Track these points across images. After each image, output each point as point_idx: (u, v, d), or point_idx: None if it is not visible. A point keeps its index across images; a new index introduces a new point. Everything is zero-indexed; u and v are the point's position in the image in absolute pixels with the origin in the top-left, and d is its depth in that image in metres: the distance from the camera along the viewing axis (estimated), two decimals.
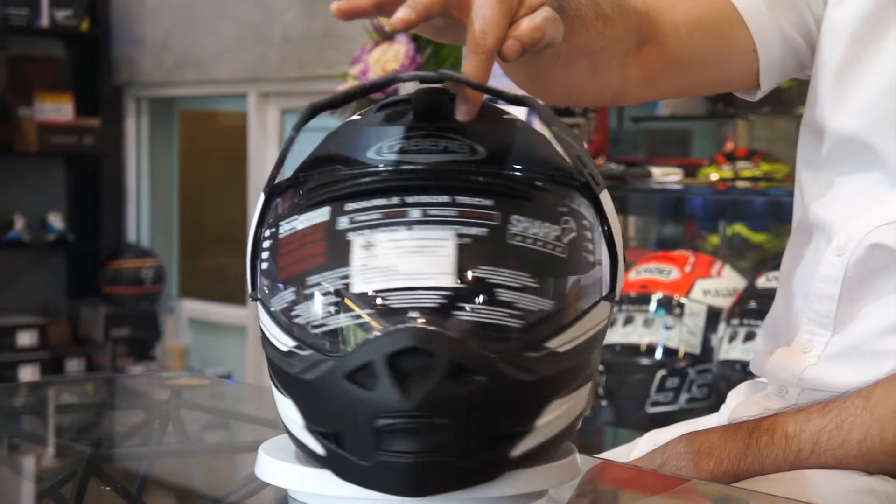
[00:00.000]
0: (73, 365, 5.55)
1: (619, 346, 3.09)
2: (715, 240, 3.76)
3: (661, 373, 3.03)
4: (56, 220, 5.62)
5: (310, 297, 0.88)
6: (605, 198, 0.94)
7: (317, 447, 0.90)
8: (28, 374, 5.32)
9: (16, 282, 5.65)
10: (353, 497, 0.92)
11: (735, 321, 2.94)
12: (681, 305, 3.06)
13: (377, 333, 0.85)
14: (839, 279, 1.25)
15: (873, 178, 1.26)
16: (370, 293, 0.86)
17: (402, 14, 0.93)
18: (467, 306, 0.86)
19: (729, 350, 2.91)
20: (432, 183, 0.89)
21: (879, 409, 1.13)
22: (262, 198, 0.96)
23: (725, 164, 3.36)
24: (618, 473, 1.23)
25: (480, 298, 0.86)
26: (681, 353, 3.06)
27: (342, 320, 0.87)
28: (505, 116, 0.97)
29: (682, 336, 3.05)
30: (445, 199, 0.88)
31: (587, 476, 1.10)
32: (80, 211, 5.76)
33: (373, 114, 0.95)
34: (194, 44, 5.45)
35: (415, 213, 0.88)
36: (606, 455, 1.41)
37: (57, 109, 5.51)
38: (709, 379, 3.04)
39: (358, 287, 0.86)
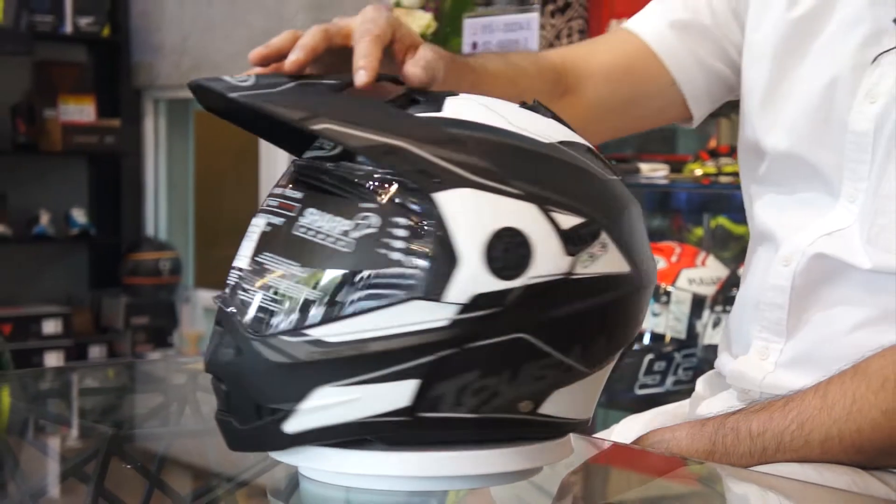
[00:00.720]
0: (96, 351, 5.56)
1: None
2: (699, 232, 3.76)
3: (649, 357, 3.03)
4: (79, 215, 5.62)
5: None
6: (450, 198, 0.86)
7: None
8: (53, 360, 5.32)
9: (41, 273, 5.65)
10: (362, 474, 0.92)
11: (718, 308, 2.94)
12: (667, 293, 3.06)
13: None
14: (787, 289, 1.25)
15: (814, 191, 1.26)
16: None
17: (292, 57, 1.00)
18: (245, 287, 0.91)
19: (713, 335, 2.92)
20: (300, 174, 0.93)
21: (836, 410, 1.12)
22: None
23: (709, 160, 3.35)
24: (610, 453, 1.23)
25: (254, 281, 0.91)
26: (667, 339, 3.06)
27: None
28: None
29: (669, 322, 3.05)
30: (290, 190, 0.93)
31: (579, 455, 1.10)
32: (102, 206, 5.75)
33: None
34: (209, 49, 5.45)
35: (269, 202, 0.93)
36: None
37: (80, 111, 5.50)
38: (694, 363, 3.04)
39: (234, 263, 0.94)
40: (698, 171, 3.35)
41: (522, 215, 0.87)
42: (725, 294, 2.90)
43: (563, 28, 3.81)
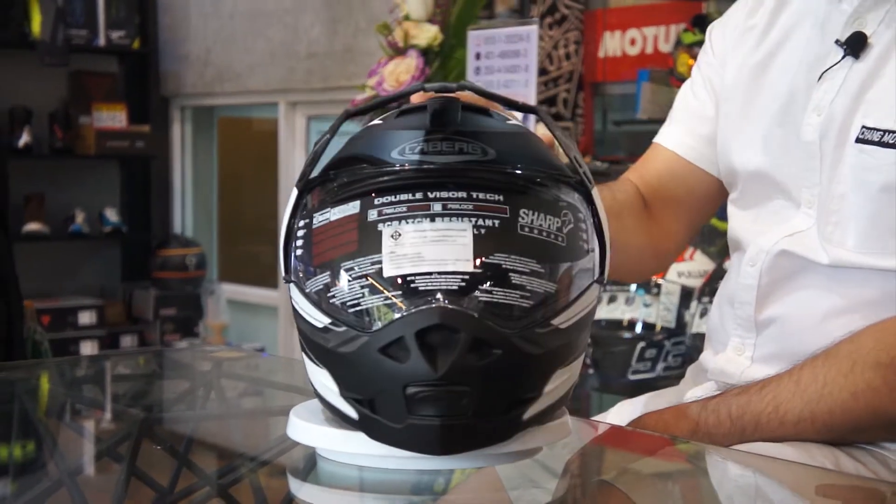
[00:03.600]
0: (127, 341, 5.56)
1: (604, 322, 3.08)
2: None
3: (641, 345, 3.03)
4: (112, 214, 5.62)
5: (344, 280, 0.88)
6: (596, 194, 0.95)
7: (351, 412, 0.90)
8: (88, 348, 5.33)
9: (77, 268, 5.66)
10: (374, 454, 0.92)
11: (705, 299, 2.94)
12: (658, 286, 3.05)
13: (407, 312, 0.85)
14: (754, 286, 1.28)
15: (780, 204, 1.29)
16: (399, 277, 0.86)
17: None
18: (483, 288, 0.87)
19: (700, 325, 2.91)
20: (451, 180, 0.89)
21: (808, 393, 1.14)
22: (294, 193, 0.96)
23: None
24: (608, 435, 1.23)
25: (495, 282, 0.87)
26: (658, 328, 3.05)
27: (375, 301, 0.87)
28: (509, 122, 0.97)
29: (659, 312, 3.04)
30: (462, 194, 0.89)
31: (580, 436, 1.10)
32: (133, 206, 5.76)
33: (393, 119, 0.95)
34: (231, 60, 5.45)
35: (436, 207, 0.88)
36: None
37: (112, 117, 5.51)
38: (682, 350, 3.04)
39: (389, 271, 0.87)
40: None
41: None
42: (712, 286, 2.90)
43: (559, 39, 3.81)
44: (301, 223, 0.94)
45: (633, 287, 3.08)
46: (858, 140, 1.18)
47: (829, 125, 1.21)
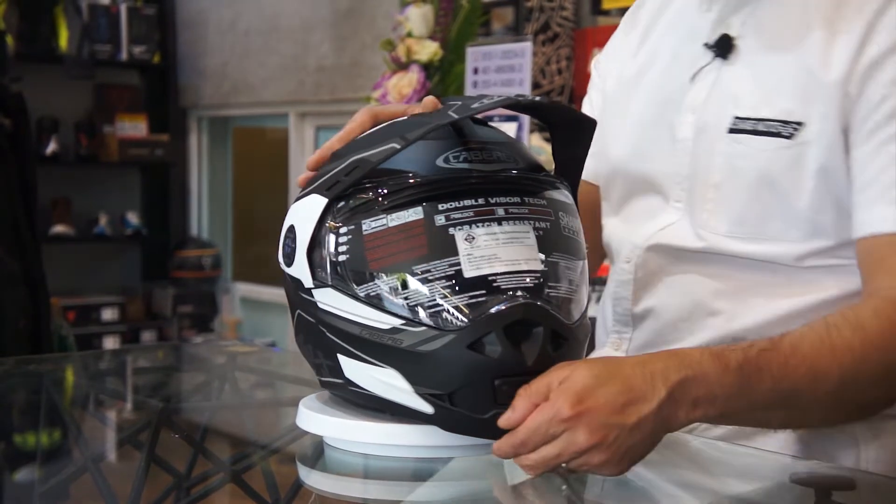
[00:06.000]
0: (147, 336, 5.55)
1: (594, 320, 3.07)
2: None
3: None
4: (133, 217, 5.62)
5: (418, 282, 0.87)
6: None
7: (425, 408, 0.88)
8: (110, 343, 5.32)
9: (100, 268, 5.65)
10: (377, 443, 0.92)
11: None
12: None
13: (495, 309, 0.86)
14: (630, 281, 1.26)
15: (650, 202, 1.27)
16: (480, 277, 0.87)
17: (313, 160, 0.98)
18: (551, 285, 0.89)
19: None
20: (508, 186, 0.90)
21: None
22: (321, 201, 0.92)
23: None
24: None
25: (557, 279, 0.89)
26: None
27: (458, 300, 0.87)
28: (497, 130, 0.98)
29: None
30: (517, 199, 0.90)
31: None
32: (153, 210, 5.75)
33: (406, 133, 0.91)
34: (246, 73, 5.44)
35: (500, 212, 0.89)
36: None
37: (134, 127, 5.50)
38: None
39: (469, 272, 0.87)
40: None
41: None
42: None
43: (552, 55, 3.81)
44: (344, 230, 0.90)
45: None
46: (731, 130, 1.17)
47: (704, 121, 1.21)
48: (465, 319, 0.86)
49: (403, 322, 0.88)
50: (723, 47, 1.22)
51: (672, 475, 1.08)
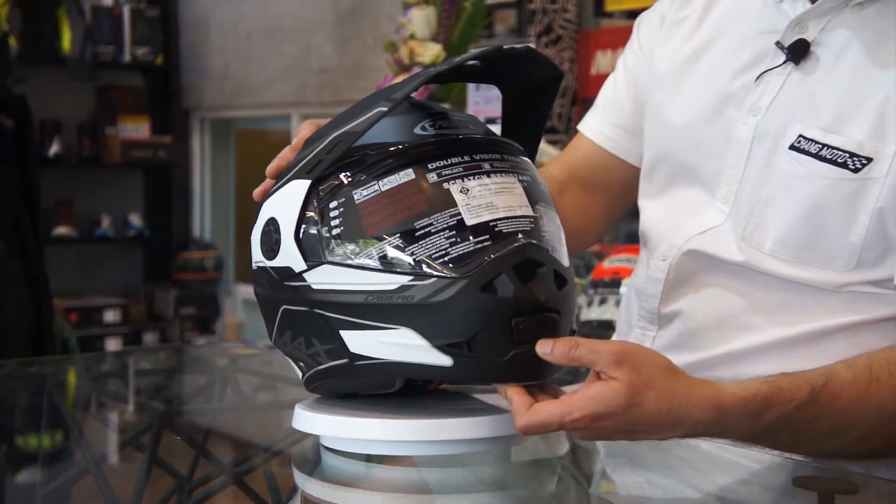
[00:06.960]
0: (149, 337, 5.55)
1: (595, 323, 3.08)
2: None
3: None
4: (135, 219, 5.62)
5: (425, 235, 0.89)
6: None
7: (444, 360, 0.89)
8: (112, 345, 5.33)
9: (103, 269, 5.65)
10: (369, 439, 0.92)
11: None
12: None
13: (503, 252, 0.88)
14: (662, 280, 1.24)
15: (694, 194, 1.25)
16: (482, 223, 0.89)
17: (272, 167, 1.11)
18: (546, 229, 0.92)
19: None
20: (485, 146, 0.94)
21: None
22: (302, 185, 0.95)
23: None
24: None
25: (547, 223, 0.93)
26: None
27: (465, 247, 0.89)
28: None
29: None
30: (497, 156, 0.93)
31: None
32: (155, 211, 5.76)
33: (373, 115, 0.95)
34: (248, 75, 5.45)
35: (486, 166, 0.92)
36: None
37: (136, 129, 5.51)
38: None
39: (470, 220, 0.89)
40: None
41: None
42: None
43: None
44: (334, 203, 0.92)
45: (623, 290, 3.09)
46: (793, 147, 1.13)
47: (765, 127, 1.17)
48: (475, 265, 0.88)
49: (412, 278, 0.88)
50: (797, 52, 1.16)
51: (673, 477, 1.08)
